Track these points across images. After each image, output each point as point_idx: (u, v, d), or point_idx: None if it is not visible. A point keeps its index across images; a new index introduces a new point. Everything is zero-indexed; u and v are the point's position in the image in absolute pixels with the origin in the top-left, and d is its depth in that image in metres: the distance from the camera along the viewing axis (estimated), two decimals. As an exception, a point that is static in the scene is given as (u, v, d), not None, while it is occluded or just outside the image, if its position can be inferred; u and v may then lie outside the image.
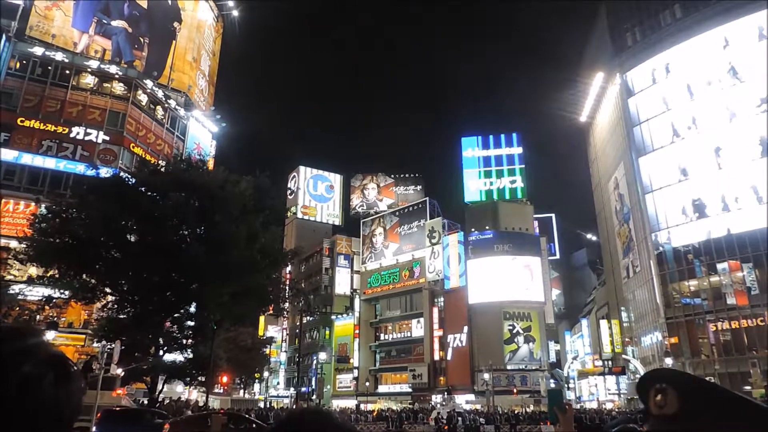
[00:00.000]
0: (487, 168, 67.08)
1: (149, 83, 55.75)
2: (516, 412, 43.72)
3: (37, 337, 0.96)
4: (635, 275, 53.43)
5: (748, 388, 39.51)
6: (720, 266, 42.94)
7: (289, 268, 62.58)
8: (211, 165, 52.21)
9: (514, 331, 57.81)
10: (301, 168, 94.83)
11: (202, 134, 63.26)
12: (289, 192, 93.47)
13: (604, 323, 60.75)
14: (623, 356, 55.25)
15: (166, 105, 57.73)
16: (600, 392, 60.24)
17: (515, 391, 52.95)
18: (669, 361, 40.67)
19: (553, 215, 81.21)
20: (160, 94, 56.79)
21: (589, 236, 73.28)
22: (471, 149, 68.50)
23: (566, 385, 69.05)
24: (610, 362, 58.01)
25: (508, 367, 55.79)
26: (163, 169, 29.49)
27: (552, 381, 60.12)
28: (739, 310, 41.17)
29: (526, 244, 60.68)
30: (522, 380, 54.90)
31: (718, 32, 47.05)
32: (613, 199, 60.32)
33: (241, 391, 68.32)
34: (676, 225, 47.20)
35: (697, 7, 48.85)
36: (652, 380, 1.34)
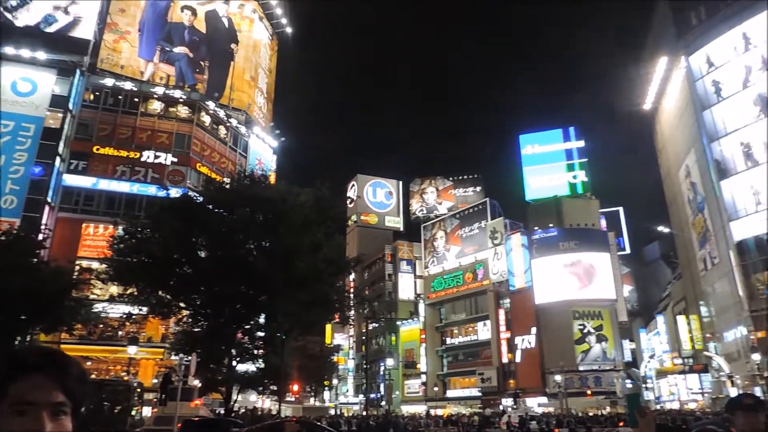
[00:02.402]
0: (547, 164, 65.52)
1: (211, 104, 58.12)
2: (591, 414, 42.29)
3: None
4: (714, 267, 50.50)
5: None
6: (809, 254, 39.97)
7: (352, 276, 63.34)
8: (272, 179, 53.80)
9: (585, 331, 55.99)
10: (360, 176, 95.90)
11: (263, 150, 65.24)
12: (348, 201, 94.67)
13: (681, 319, 57.85)
14: (705, 353, 52.35)
15: (228, 124, 59.97)
16: (681, 392, 57.26)
17: (589, 392, 51.27)
18: (756, 357, 38.11)
19: (620, 209, 78.05)
20: (221, 114, 59.07)
21: (660, 229, 69.84)
22: (530, 146, 67.14)
23: (644, 385, 66.12)
24: (690, 360, 55.16)
25: (581, 368, 54.05)
26: (228, 186, 30.59)
27: (628, 381, 57.76)
28: (834, 300, 38.13)
29: (593, 240, 58.74)
30: (596, 381, 53.07)
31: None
32: (685, 188, 57.36)
33: (312, 399, 69.60)
34: (756, 212, 44.34)
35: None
36: None
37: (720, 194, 46.97)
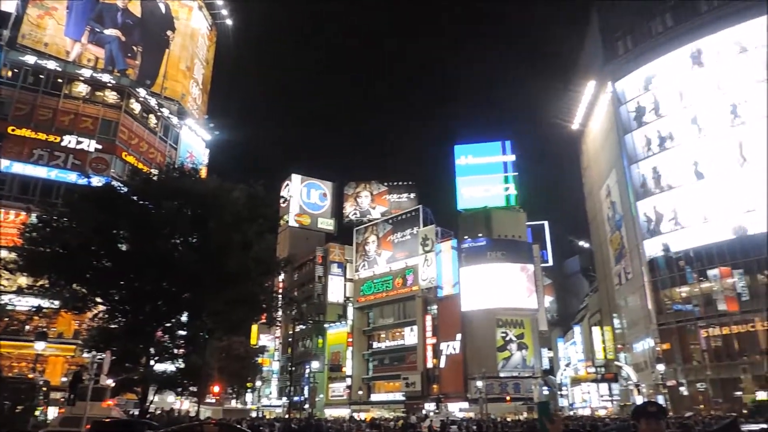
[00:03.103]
0: (481, 175, 67.34)
1: (142, 92, 55.71)
2: (510, 420, 43.63)
3: None
4: (627, 282, 53.65)
5: (739, 393, 39.79)
6: (711, 273, 43.22)
7: (281, 277, 62.40)
8: (204, 173, 52.20)
9: (507, 339, 57.86)
10: (294, 176, 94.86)
11: (195, 142, 63.23)
12: (282, 200, 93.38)
13: (596, 330, 60.95)
14: (616, 363, 55.40)
15: (159, 113, 57.68)
16: (593, 399, 60.32)
17: (508, 398, 52.96)
18: (661, 368, 40.76)
19: (545, 222, 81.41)
20: (153, 102, 56.74)
21: (581, 243, 73.62)
22: (464, 157, 68.83)
23: (559, 392, 69.11)
24: (602, 369, 58.15)
25: (501, 375, 55.80)
26: (155, 178, 29.34)
27: (545, 388, 60.17)
28: (730, 316, 41.40)
29: (519, 252, 60.87)
30: (515, 387, 54.92)
31: (709, 42, 47.63)
32: (606, 207, 60.65)
33: (234, 401, 67.89)
34: (667, 232, 47.52)
35: (687, 16, 49.47)
36: None
37: (636, 214, 50.02)
